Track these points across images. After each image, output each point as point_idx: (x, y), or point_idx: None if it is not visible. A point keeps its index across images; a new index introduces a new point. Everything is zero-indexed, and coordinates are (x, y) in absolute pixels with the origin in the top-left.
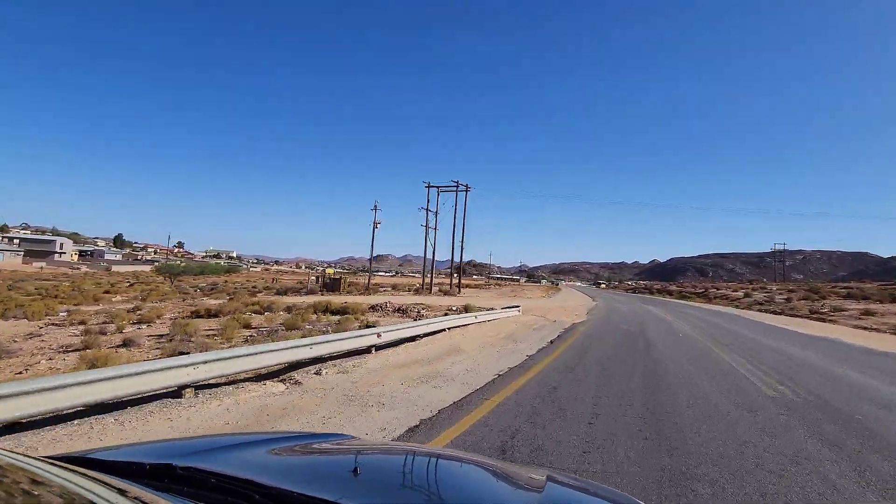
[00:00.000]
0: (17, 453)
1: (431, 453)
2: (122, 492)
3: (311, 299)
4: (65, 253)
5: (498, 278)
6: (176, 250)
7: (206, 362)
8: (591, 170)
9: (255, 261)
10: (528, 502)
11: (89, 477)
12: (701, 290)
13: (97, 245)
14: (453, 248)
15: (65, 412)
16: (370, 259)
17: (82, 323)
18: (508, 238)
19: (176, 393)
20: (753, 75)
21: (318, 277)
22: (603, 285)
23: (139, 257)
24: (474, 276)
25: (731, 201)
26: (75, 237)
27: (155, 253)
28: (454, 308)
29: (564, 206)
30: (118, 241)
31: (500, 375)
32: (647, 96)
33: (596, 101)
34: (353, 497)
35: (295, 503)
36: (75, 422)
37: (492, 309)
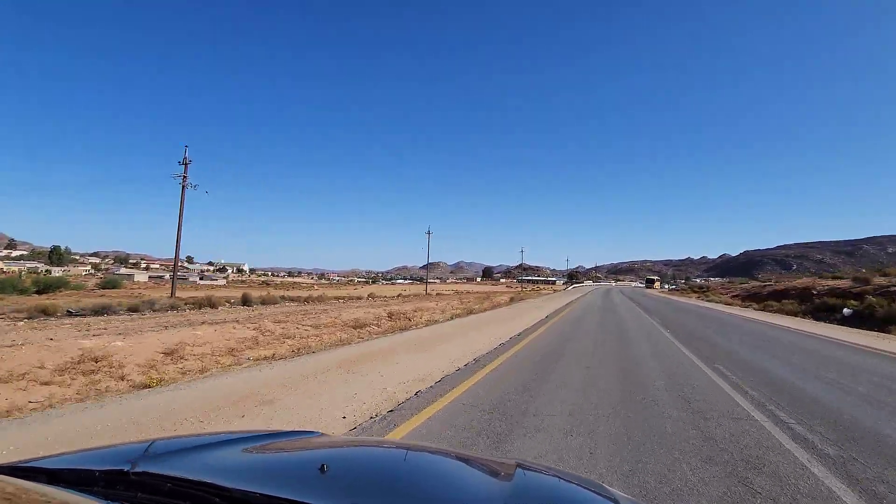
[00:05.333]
0: None
1: (399, 446)
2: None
3: None
4: None
5: (529, 280)
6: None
7: None
8: (645, 163)
9: (286, 273)
10: (499, 490)
11: (30, 489)
12: None
13: None
14: None
15: None
16: None
17: None
18: (564, 240)
19: None
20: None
21: None
22: (656, 283)
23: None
24: (501, 280)
25: (814, 187)
26: None
27: (146, 268)
28: None
29: (623, 203)
30: (55, 254)
31: None
32: (707, 86)
33: (650, 93)
34: (319, 496)
35: None
36: None
37: None
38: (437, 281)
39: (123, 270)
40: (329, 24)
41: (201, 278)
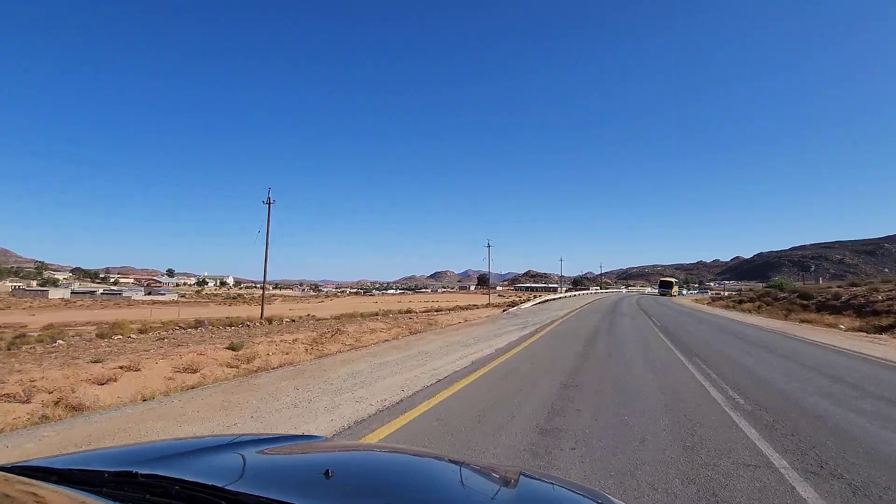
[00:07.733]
0: None
1: (404, 451)
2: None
3: None
4: None
5: (528, 288)
6: (153, 278)
7: None
8: (652, 165)
9: (272, 286)
10: (503, 497)
11: (37, 487)
12: None
13: None
14: None
15: None
16: None
17: None
18: (572, 247)
19: None
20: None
21: None
22: (674, 288)
23: None
24: (498, 287)
25: (828, 186)
26: None
27: (115, 283)
28: None
29: (632, 208)
30: None
31: None
32: (713, 85)
33: (657, 95)
34: (325, 500)
35: None
36: None
37: None
38: (428, 290)
39: (82, 285)
40: (337, 27)
41: (148, 293)
